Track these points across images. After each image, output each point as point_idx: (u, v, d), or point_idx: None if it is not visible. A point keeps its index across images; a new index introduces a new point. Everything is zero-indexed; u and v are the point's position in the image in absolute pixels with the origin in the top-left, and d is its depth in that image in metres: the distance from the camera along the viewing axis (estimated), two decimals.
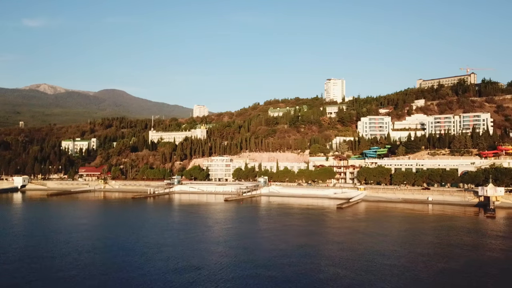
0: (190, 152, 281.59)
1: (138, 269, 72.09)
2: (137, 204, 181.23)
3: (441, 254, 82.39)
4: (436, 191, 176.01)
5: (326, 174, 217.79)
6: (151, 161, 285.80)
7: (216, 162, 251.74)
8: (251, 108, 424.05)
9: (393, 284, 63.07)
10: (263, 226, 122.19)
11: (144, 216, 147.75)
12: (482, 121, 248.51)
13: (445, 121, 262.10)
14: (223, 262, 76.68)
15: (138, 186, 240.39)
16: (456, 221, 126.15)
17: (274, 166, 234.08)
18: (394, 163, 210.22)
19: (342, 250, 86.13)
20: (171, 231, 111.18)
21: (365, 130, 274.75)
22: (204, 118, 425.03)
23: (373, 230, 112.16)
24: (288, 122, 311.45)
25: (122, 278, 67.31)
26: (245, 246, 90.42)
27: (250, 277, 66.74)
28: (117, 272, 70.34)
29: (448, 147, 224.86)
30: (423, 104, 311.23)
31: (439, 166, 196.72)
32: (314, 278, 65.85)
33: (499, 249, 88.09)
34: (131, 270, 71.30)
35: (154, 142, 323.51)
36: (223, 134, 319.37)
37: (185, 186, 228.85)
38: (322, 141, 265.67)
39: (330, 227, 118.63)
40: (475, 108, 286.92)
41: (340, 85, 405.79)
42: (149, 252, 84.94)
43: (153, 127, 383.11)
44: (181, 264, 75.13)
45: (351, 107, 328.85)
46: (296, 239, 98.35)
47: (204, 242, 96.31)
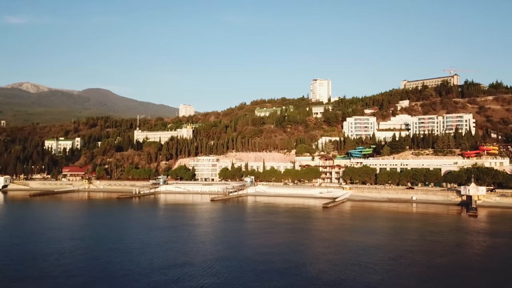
0: (176, 152, 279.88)
1: (122, 269, 71.21)
2: (122, 204, 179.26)
3: (424, 252, 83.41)
4: (420, 191, 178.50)
5: (312, 174, 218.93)
6: (137, 161, 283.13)
7: (202, 162, 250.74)
8: (238, 108, 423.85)
9: (376, 281, 63.60)
10: (249, 225, 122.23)
11: (129, 216, 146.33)
12: (465, 122, 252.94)
13: (429, 121, 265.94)
14: (208, 261, 76.32)
15: (123, 186, 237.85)
16: (439, 220, 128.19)
17: (261, 166, 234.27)
18: (379, 163, 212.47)
19: (327, 249, 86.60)
20: (156, 231, 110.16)
21: (351, 130, 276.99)
22: (190, 117, 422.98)
23: (358, 229, 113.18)
24: (275, 122, 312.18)
25: (105, 278, 66.40)
26: (230, 246, 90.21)
27: (235, 276, 66.55)
28: (100, 272, 69.37)
29: (431, 147, 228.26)
30: (408, 105, 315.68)
31: (423, 166, 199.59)
32: (299, 277, 65.99)
33: (481, 247, 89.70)
34: (115, 270, 70.41)
35: (140, 141, 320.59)
36: (210, 134, 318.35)
37: (170, 186, 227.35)
38: (308, 141, 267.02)
39: (315, 226, 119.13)
40: (458, 109, 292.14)
41: (326, 86, 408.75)
42: (133, 252, 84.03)
43: (139, 127, 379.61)
44: (165, 263, 74.41)
45: (336, 108, 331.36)
46: (282, 238, 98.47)
47: (189, 242, 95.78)
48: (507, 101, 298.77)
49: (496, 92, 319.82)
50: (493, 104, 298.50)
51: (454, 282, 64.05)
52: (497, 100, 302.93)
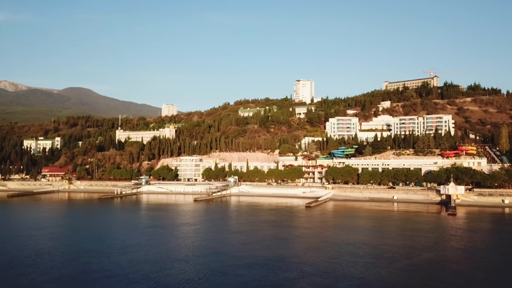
0: (158, 152, 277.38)
1: (101, 269, 70.17)
2: (103, 204, 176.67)
3: (405, 250, 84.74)
4: (401, 190, 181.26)
5: (295, 174, 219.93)
6: (118, 161, 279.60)
7: (185, 162, 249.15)
8: (221, 108, 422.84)
9: (357, 278, 64.29)
10: (232, 225, 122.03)
11: (110, 216, 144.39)
12: (444, 123, 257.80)
13: (410, 122, 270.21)
14: (189, 260, 75.91)
15: (104, 187, 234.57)
16: (419, 219, 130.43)
17: (244, 166, 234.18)
18: (361, 163, 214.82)
19: (309, 248, 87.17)
20: (137, 231, 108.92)
21: (333, 130, 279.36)
22: (173, 117, 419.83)
23: (340, 228, 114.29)
24: (258, 122, 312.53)
25: (85, 280, 65.35)
26: (213, 246, 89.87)
27: (217, 276, 66.33)
28: (79, 273, 68.22)
29: (412, 148, 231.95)
30: (389, 106, 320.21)
31: (404, 165, 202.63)
32: (281, 276, 66.21)
33: (459, 245, 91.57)
34: (94, 271, 69.32)
35: (121, 141, 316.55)
36: (193, 133, 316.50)
37: (153, 186, 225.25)
38: (292, 141, 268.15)
39: (298, 226, 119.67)
40: (438, 110, 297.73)
41: (309, 86, 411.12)
42: (114, 252, 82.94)
43: (121, 126, 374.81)
44: (146, 263, 73.64)
45: (319, 108, 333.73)
46: (264, 237, 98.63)
47: (171, 242, 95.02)
48: (484, 102, 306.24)
49: (474, 93, 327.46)
50: (471, 105, 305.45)
51: (432, 279, 65.17)
52: (475, 101, 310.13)
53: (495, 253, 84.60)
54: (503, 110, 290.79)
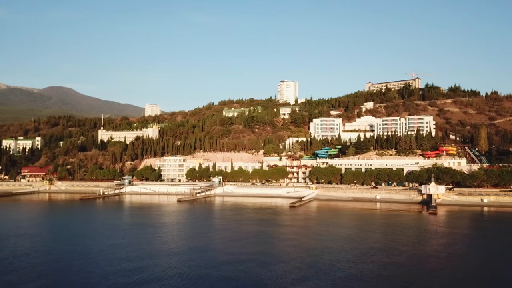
0: (141, 152, 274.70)
1: (82, 271, 68.91)
2: (84, 205, 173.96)
3: (386, 249, 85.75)
4: (383, 190, 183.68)
5: (279, 174, 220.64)
6: (101, 161, 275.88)
7: (169, 162, 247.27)
8: (206, 108, 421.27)
9: (339, 278, 64.70)
10: (215, 226, 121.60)
11: (92, 217, 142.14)
12: (426, 124, 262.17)
13: (392, 123, 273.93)
14: (172, 261, 75.18)
15: (86, 187, 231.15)
16: (401, 218, 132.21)
17: (229, 166, 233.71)
18: (344, 163, 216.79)
19: (292, 247, 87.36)
20: (119, 232, 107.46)
21: (317, 131, 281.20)
22: (157, 117, 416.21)
23: (323, 227, 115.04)
24: (243, 122, 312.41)
25: (64, 281, 64.17)
26: (195, 246, 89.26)
27: (200, 276, 65.94)
28: (59, 275, 66.91)
29: (394, 148, 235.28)
30: (372, 107, 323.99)
31: (387, 166, 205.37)
32: (264, 275, 66.18)
33: (439, 243, 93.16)
34: (74, 273, 68.08)
35: (104, 141, 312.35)
36: (176, 133, 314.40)
37: (136, 187, 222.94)
38: (276, 141, 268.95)
39: (282, 226, 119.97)
40: (419, 111, 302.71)
41: (293, 87, 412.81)
42: (95, 254, 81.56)
43: (103, 126, 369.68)
44: (127, 264, 72.51)
45: (303, 109, 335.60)
46: (248, 237, 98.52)
47: (153, 242, 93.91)
48: (464, 104, 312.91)
49: (454, 95, 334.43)
50: (451, 106, 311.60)
51: (413, 277, 66.11)
52: (456, 103, 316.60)
53: (474, 251, 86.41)
54: (482, 111, 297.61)
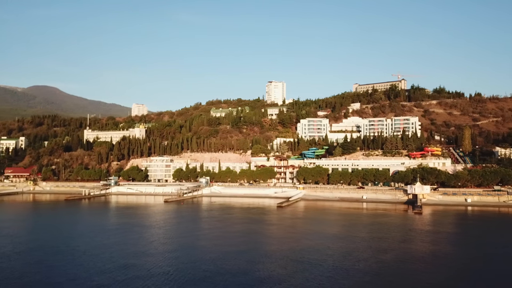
0: (128, 152, 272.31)
1: (65, 273, 67.94)
2: (70, 206, 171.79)
3: (372, 248, 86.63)
4: (370, 190, 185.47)
5: (267, 174, 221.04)
6: (86, 161, 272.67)
7: (156, 163, 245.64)
8: (193, 108, 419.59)
9: (325, 278, 65.09)
10: (202, 226, 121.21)
11: (77, 218, 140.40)
12: (411, 124, 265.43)
13: (379, 124, 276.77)
14: (157, 262, 74.69)
15: (71, 188, 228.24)
16: (387, 218, 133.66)
17: (216, 167, 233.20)
18: (331, 163, 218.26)
19: (279, 247, 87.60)
20: (105, 233, 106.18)
21: (304, 131, 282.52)
22: (143, 117, 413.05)
23: (310, 227, 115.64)
24: (231, 122, 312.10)
25: (47, 283, 63.24)
26: (182, 247, 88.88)
27: (186, 277, 65.72)
28: (41, 277, 65.91)
29: (381, 148, 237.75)
30: (359, 108, 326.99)
31: (373, 166, 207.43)
32: (250, 276, 66.24)
33: (424, 243, 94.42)
34: (57, 275, 67.10)
35: (90, 141, 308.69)
36: (163, 133, 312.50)
37: (122, 187, 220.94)
38: (264, 141, 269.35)
39: (269, 226, 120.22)
40: (405, 112, 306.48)
41: (281, 88, 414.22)
42: (79, 255, 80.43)
43: (89, 126, 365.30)
44: (112, 266, 71.69)
45: (291, 109, 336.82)
46: (235, 238, 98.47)
47: (139, 243, 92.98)
48: (449, 105, 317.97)
49: (439, 96, 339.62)
50: (436, 108, 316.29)
51: (398, 276, 66.95)
52: (440, 104, 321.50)
53: (458, 249, 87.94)
54: (466, 112, 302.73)
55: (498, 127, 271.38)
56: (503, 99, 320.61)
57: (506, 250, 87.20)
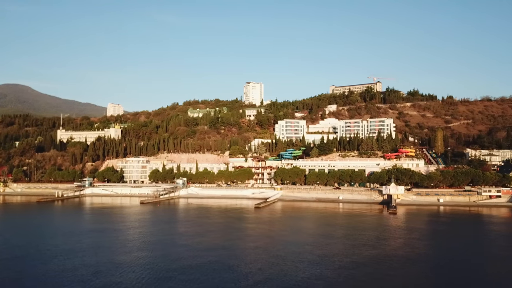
0: (103, 153, 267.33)
1: (33, 279, 65.89)
2: (42, 208, 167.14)
3: (347, 249, 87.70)
4: (346, 191, 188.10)
5: (245, 175, 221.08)
6: (60, 162, 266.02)
7: (132, 164, 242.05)
8: (170, 108, 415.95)
9: (301, 279, 65.54)
10: (179, 228, 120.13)
11: (48, 220, 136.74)
12: (386, 126, 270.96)
13: (354, 125, 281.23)
14: (132, 265, 73.47)
15: (44, 189, 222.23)
16: (363, 218, 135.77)
17: (194, 168, 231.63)
18: (308, 164, 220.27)
19: (255, 249, 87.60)
20: (77, 236, 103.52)
21: (282, 132, 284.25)
22: (119, 117, 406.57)
23: (287, 228, 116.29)
24: (208, 123, 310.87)
25: None
26: (157, 249, 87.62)
27: (159, 281, 64.91)
28: (9, 284, 63.77)
29: (357, 150, 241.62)
30: (335, 109, 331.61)
31: (349, 167, 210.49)
32: (226, 278, 65.94)
33: (398, 242, 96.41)
34: (25, 281, 65.07)
35: (63, 142, 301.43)
36: (140, 134, 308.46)
37: (97, 189, 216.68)
38: (242, 142, 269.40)
39: (246, 227, 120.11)
40: (380, 114, 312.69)
41: (258, 89, 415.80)
42: (49, 259, 78.28)
43: (62, 126, 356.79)
44: (85, 270, 70.11)
45: (269, 111, 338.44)
46: (212, 239, 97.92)
47: (113, 246, 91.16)
48: (422, 107, 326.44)
49: (413, 99, 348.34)
50: (410, 110, 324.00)
51: (371, 277, 68.02)
52: (414, 106, 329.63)
53: (430, 248, 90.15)
54: (439, 115, 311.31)
55: (469, 129, 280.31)
56: (474, 102, 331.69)
57: (470, 249, 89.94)
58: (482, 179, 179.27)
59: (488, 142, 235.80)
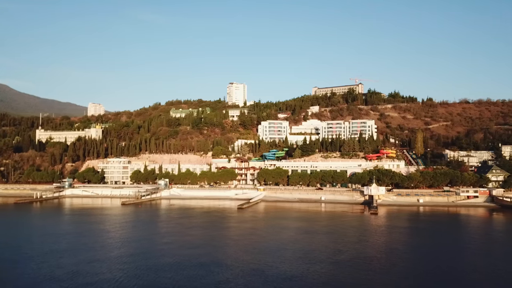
0: (83, 153, 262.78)
1: (7, 282, 64.50)
2: (19, 209, 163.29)
3: (329, 249, 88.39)
4: (328, 191, 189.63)
5: (228, 176, 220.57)
6: (38, 162, 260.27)
7: (113, 164, 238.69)
8: (152, 108, 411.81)
9: (282, 280, 65.65)
10: (160, 229, 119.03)
11: (26, 222, 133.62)
12: (368, 127, 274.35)
13: (337, 126, 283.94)
14: (111, 268, 72.34)
15: (22, 190, 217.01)
16: (345, 219, 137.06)
17: (176, 168, 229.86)
18: (291, 165, 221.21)
19: (237, 250, 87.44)
20: (55, 238, 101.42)
21: (265, 133, 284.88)
22: (100, 117, 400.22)
23: (269, 229, 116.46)
24: (191, 123, 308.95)
25: None
26: (137, 251, 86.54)
27: (138, 283, 64.18)
28: None
29: (339, 151, 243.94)
30: (318, 111, 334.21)
31: (331, 168, 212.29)
32: (207, 280, 65.64)
33: (379, 242, 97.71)
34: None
35: (42, 142, 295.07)
36: (121, 134, 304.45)
37: (77, 190, 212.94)
38: (225, 143, 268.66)
39: (229, 228, 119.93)
40: (362, 115, 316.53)
41: (242, 89, 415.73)
42: (24, 262, 76.58)
43: (41, 126, 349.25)
44: (62, 273, 68.74)
45: (252, 111, 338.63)
46: (193, 241, 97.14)
47: (92, 249, 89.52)
48: (403, 109, 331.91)
49: (394, 101, 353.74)
50: (391, 111, 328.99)
51: (351, 278, 68.65)
52: (395, 108, 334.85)
53: (409, 248, 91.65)
54: (419, 116, 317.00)
55: (448, 130, 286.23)
56: (452, 104, 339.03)
57: (449, 248, 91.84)
58: (460, 180, 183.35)
59: (466, 143, 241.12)
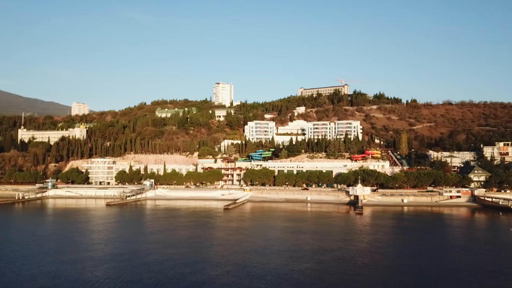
0: (67, 154, 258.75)
1: None
2: (0, 211, 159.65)
3: (315, 249, 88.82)
4: (314, 191, 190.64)
5: (214, 176, 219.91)
6: (21, 163, 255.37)
7: (97, 164, 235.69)
8: (137, 107, 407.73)
9: (268, 281, 65.69)
10: (145, 230, 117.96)
11: (7, 224, 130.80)
12: (353, 128, 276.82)
13: (322, 127, 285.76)
14: (95, 271, 71.39)
15: (3, 191, 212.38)
16: (330, 219, 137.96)
17: (162, 169, 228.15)
18: (277, 165, 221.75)
19: (224, 251, 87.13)
20: (38, 240, 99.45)
21: (252, 134, 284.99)
22: (84, 116, 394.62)
23: (256, 230, 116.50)
24: (177, 123, 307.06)
25: None
26: (122, 252, 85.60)
27: (124, 284, 63.56)
28: None
29: (324, 151, 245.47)
30: (304, 111, 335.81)
31: (317, 168, 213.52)
32: (193, 280, 65.38)
33: (364, 242, 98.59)
34: None
35: (25, 142, 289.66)
36: (106, 134, 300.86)
37: (61, 190, 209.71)
38: (211, 143, 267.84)
39: (215, 229, 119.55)
40: (348, 116, 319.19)
41: (228, 90, 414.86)
42: (3, 266, 74.92)
43: (24, 125, 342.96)
44: (46, 276, 67.59)
45: (238, 112, 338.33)
46: (178, 242, 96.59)
47: (75, 251, 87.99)
48: (388, 110, 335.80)
49: (379, 102, 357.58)
50: (376, 112, 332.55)
51: (337, 277, 69.11)
52: (380, 109, 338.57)
53: (394, 247, 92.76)
54: (403, 118, 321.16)
55: (431, 131, 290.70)
56: (436, 106, 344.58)
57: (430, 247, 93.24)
58: (443, 180, 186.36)
59: (449, 144, 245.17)
